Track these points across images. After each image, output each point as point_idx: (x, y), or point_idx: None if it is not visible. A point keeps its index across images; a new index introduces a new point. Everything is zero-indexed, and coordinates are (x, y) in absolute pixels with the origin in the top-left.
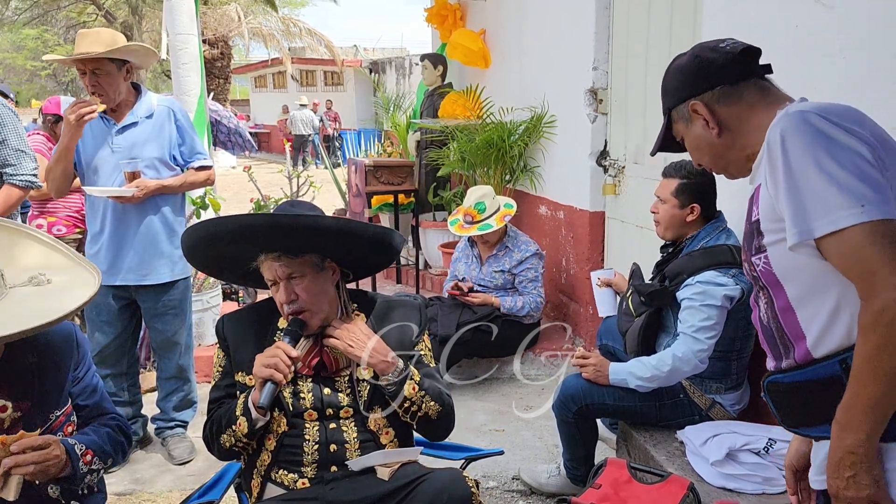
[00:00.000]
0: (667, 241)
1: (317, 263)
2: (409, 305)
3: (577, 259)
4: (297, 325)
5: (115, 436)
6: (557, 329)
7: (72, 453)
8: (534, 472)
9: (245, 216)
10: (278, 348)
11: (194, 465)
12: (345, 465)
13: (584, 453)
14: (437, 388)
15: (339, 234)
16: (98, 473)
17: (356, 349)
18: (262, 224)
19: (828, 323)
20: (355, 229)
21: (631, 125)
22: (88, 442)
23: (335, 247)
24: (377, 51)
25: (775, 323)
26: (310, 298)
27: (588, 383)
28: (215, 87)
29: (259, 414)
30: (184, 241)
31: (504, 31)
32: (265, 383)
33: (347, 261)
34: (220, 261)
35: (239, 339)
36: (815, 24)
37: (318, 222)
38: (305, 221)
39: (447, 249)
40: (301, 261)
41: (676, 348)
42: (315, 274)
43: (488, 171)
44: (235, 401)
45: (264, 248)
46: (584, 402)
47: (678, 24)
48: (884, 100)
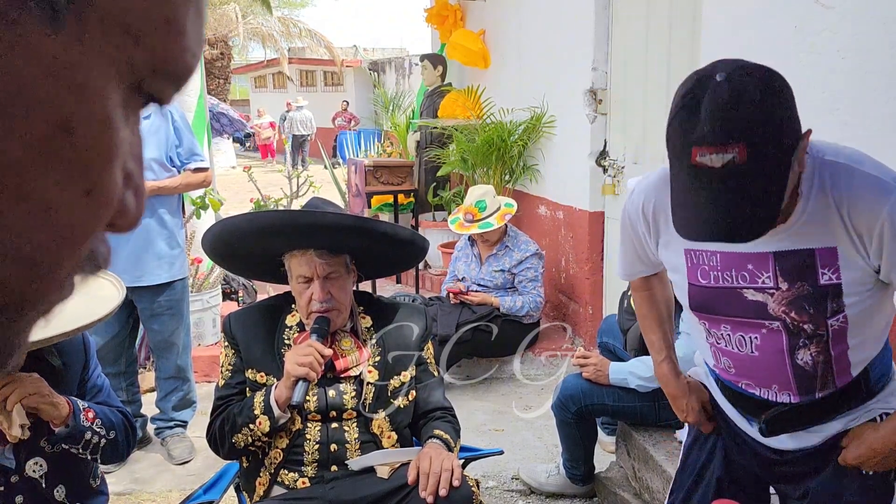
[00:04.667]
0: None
1: (346, 264)
2: (413, 309)
3: (577, 259)
4: (325, 324)
5: (119, 416)
6: (557, 329)
7: (74, 405)
8: (533, 472)
9: (300, 212)
10: (311, 346)
11: (194, 464)
12: (345, 464)
13: (584, 453)
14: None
15: (383, 237)
16: (101, 439)
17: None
18: (327, 223)
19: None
20: (400, 234)
21: (630, 125)
22: (90, 405)
23: (372, 248)
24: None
25: (824, 366)
26: (340, 298)
27: (588, 383)
28: (215, 87)
29: (282, 412)
30: (224, 228)
31: (504, 31)
32: (297, 382)
33: (370, 263)
34: (245, 253)
35: (249, 337)
36: (815, 24)
37: (375, 226)
38: (365, 224)
39: (447, 249)
40: (338, 260)
41: (677, 348)
42: (346, 274)
43: (488, 171)
44: (249, 399)
45: (305, 245)
46: (583, 403)
47: (678, 24)
48: (884, 100)
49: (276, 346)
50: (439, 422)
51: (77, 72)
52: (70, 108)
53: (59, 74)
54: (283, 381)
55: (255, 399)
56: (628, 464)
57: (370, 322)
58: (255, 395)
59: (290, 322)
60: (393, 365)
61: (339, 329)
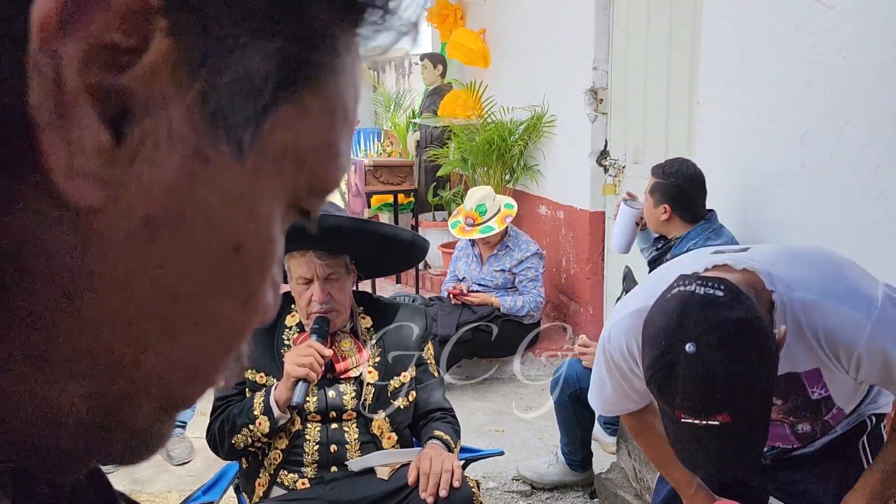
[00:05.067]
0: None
1: (346, 265)
2: (413, 309)
3: (577, 259)
4: (325, 324)
5: None
6: (557, 329)
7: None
8: (533, 465)
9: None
10: (311, 347)
11: (193, 465)
12: (345, 465)
13: (581, 437)
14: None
15: (383, 239)
16: None
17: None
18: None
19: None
20: (400, 236)
21: (631, 125)
22: None
23: (372, 250)
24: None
25: (823, 426)
26: (340, 299)
27: (585, 369)
28: None
29: (282, 413)
30: None
31: (504, 30)
32: (297, 382)
33: (370, 263)
34: None
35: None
36: (815, 24)
37: (376, 228)
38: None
39: (447, 249)
40: (338, 261)
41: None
42: (346, 275)
43: (488, 171)
44: (248, 400)
45: (305, 246)
46: (578, 386)
47: (678, 24)
48: (885, 99)
49: (276, 347)
50: (439, 422)
51: (253, 199)
52: (243, 231)
53: (238, 203)
54: (283, 381)
55: (255, 400)
56: (629, 464)
57: (370, 322)
58: (254, 395)
59: (290, 323)
60: (393, 365)
61: (339, 329)
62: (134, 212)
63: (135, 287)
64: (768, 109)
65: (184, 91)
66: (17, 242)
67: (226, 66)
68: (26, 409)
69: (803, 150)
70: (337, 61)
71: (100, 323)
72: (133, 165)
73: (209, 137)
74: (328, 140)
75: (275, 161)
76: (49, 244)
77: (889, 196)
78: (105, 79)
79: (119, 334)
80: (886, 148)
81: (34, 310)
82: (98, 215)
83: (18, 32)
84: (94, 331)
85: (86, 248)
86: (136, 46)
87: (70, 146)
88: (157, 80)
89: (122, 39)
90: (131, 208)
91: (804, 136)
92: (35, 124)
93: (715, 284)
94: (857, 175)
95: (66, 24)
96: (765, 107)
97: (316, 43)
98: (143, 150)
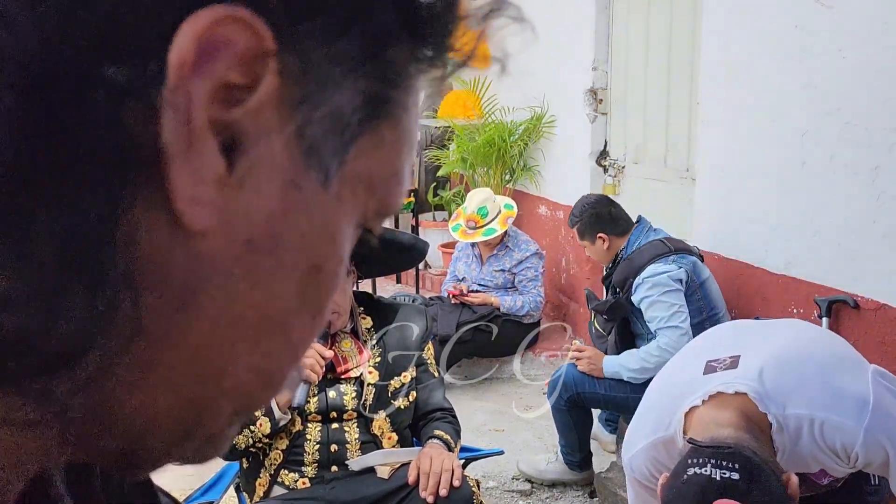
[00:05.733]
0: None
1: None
2: (413, 309)
3: (577, 259)
4: (326, 325)
5: None
6: (557, 329)
7: None
8: (533, 462)
9: None
10: (312, 348)
11: None
12: (345, 464)
13: (578, 439)
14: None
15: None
16: None
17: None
18: None
19: None
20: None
21: (631, 125)
22: None
23: (372, 252)
24: None
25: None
26: (340, 300)
27: (581, 373)
28: None
29: (283, 414)
30: None
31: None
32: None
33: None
34: None
35: None
36: (815, 24)
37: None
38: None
39: (447, 249)
40: None
41: (660, 341)
42: (345, 277)
43: (488, 171)
44: None
45: None
46: (576, 391)
47: (678, 24)
48: (884, 100)
49: None
50: (439, 422)
51: (333, 224)
52: (323, 253)
53: (323, 227)
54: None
55: None
56: None
57: (370, 323)
58: None
59: None
60: (393, 365)
61: (340, 330)
62: (239, 235)
63: (234, 305)
64: (768, 109)
65: (285, 125)
66: (143, 264)
67: (321, 102)
68: (131, 417)
69: (803, 150)
70: (411, 98)
71: (202, 337)
72: (240, 193)
73: (303, 167)
74: (396, 168)
75: (352, 188)
76: (166, 265)
77: (889, 196)
78: (222, 114)
79: (217, 348)
80: (886, 148)
81: (151, 325)
82: (207, 238)
83: (155, 72)
84: (197, 344)
85: (196, 268)
86: (250, 84)
87: (193, 175)
88: (264, 115)
89: (239, 79)
90: (236, 232)
91: (804, 136)
92: (166, 155)
93: (730, 465)
94: (857, 175)
95: (198, 65)
96: (765, 107)
97: (396, 82)
98: (250, 179)
